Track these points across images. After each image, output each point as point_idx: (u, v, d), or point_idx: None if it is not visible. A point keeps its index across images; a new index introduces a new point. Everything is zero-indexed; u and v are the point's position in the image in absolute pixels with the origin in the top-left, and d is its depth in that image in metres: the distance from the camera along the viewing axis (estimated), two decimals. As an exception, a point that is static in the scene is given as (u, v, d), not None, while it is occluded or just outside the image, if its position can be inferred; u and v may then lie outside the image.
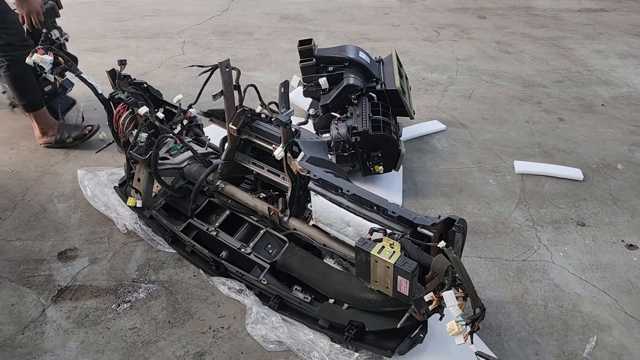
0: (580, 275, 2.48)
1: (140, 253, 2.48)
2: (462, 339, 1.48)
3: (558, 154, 3.46)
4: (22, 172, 3.02)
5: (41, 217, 2.68)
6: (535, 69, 4.83)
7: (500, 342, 2.13)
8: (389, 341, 1.93)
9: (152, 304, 2.23)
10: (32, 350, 2.01)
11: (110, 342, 2.06)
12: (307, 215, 2.23)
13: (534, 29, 5.92)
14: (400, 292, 1.71)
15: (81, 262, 2.42)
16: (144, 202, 2.51)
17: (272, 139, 2.21)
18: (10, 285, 2.29)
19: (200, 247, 2.33)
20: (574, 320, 2.24)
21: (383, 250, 1.69)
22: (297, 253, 2.17)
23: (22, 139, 3.34)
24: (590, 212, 2.91)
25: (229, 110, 2.27)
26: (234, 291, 2.24)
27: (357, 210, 1.91)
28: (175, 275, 2.37)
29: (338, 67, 3.06)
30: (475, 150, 3.46)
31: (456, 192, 3.03)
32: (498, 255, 2.58)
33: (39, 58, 2.37)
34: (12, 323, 2.12)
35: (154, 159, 2.34)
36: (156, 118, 2.41)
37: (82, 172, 2.86)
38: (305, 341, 2.04)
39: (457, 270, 1.56)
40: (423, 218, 1.79)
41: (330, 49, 3.21)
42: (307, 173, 2.02)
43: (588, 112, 4.05)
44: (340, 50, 3.13)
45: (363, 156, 2.83)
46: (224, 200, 2.44)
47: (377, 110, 2.89)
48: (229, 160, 2.39)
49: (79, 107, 3.59)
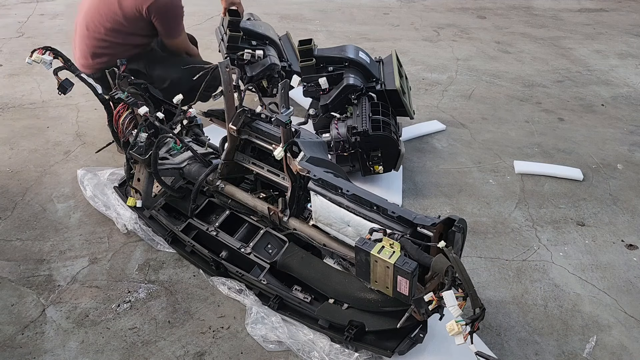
0: (580, 275, 2.48)
1: (140, 253, 2.48)
2: (462, 339, 1.48)
3: (558, 154, 3.46)
4: (22, 172, 3.02)
5: (41, 217, 2.68)
6: (535, 69, 4.83)
7: (500, 342, 2.13)
8: (389, 341, 1.93)
9: (152, 304, 2.23)
10: (32, 350, 2.01)
11: (110, 342, 2.06)
12: (307, 215, 2.23)
13: (533, 29, 5.92)
14: (400, 292, 1.71)
15: (81, 262, 2.42)
16: (144, 202, 2.51)
17: (272, 139, 2.21)
18: (10, 285, 2.29)
19: (200, 247, 2.33)
20: (574, 320, 2.24)
21: (383, 250, 1.69)
22: (297, 253, 2.17)
23: (22, 139, 3.34)
24: (590, 212, 2.91)
25: (228, 110, 2.27)
26: (234, 291, 2.24)
27: (357, 210, 1.91)
28: (175, 275, 2.37)
29: (338, 67, 3.07)
30: (475, 150, 3.46)
31: (456, 192, 3.03)
32: (498, 255, 2.58)
33: (38, 58, 2.37)
34: (12, 323, 2.12)
35: (153, 159, 2.34)
36: (156, 118, 2.40)
37: (82, 172, 2.86)
38: (305, 341, 2.04)
39: (457, 270, 1.55)
40: (423, 218, 1.79)
41: (330, 49, 3.21)
42: (307, 173, 2.02)
43: (588, 112, 4.05)
44: (340, 50, 3.13)
45: (363, 156, 2.83)
46: (223, 200, 2.44)
47: (377, 110, 2.89)
48: (228, 160, 2.39)
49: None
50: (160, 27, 3.01)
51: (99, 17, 2.95)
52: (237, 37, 3.28)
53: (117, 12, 2.91)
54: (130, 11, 2.89)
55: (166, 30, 3.05)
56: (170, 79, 3.04)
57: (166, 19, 2.98)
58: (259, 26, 3.51)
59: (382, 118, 2.84)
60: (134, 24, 2.95)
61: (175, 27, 3.08)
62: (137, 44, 3.06)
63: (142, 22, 2.95)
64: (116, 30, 2.96)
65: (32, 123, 3.53)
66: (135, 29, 2.98)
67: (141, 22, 2.95)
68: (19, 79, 4.13)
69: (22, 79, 4.14)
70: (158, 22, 2.96)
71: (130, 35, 2.99)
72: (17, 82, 4.08)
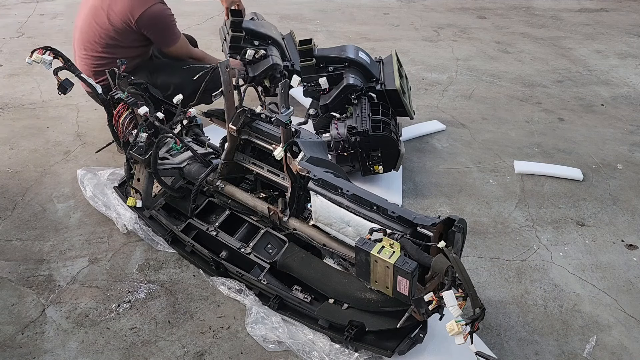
0: (580, 275, 2.48)
1: (140, 253, 2.48)
2: (462, 338, 1.48)
3: (558, 153, 3.46)
4: (22, 172, 3.02)
5: (41, 217, 2.68)
6: (535, 69, 4.83)
7: (500, 342, 2.13)
8: (389, 341, 1.93)
9: (152, 304, 2.23)
10: (32, 350, 2.01)
11: (110, 342, 2.06)
12: (307, 215, 2.23)
13: (533, 29, 5.92)
14: (400, 292, 1.71)
15: (81, 262, 2.42)
16: (144, 202, 2.51)
17: (272, 139, 2.21)
18: (10, 285, 2.29)
19: (200, 247, 2.33)
20: (574, 320, 2.24)
21: (383, 250, 1.69)
22: (297, 253, 2.17)
23: (22, 138, 3.34)
24: (590, 212, 2.91)
25: (228, 110, 2.27)
26: (234, 291, 2.24)
27: (357, 210, 1.91)
28: (175, 275, 2.37)
29: (338, 67, 3.07)
30: (475, 150, 3.46)
31: (456, 192, 3.03)
32: (498, 255, 2.58)
33: (38, 58, 2.36)
34: (12, 323, 2.12)
35: (153, 159, 2.34)
36: (156, 118, 2.40)
37: (82, 172, 2.86)
38: (305, 341, 2.04)
39: (457, 270, 1.55)
40: (423, 218, 1.79)
41: (330, 49, 3.21)
42: (307, 173, 2.02)
43: (588, 112, 4.05)
44: (340, 50, 3.13)
45: (363, 156, 2.83)
46: (223, 200, 2.44)
47: (377, 110, 2.89)
48: (228, 160, 2.39)
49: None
50: (154, 38, 3.02)
51: (93, 35, 2.95)
52: (240, 37, 3.28)
53: (108, 28, 2.90)
54: (120, 25, 2.89)
55: (160, 40, 3.05)
56: (174, 84, 3.03)
57: (158, 30, 2.98)
58: (262, 26, 3.51)
59: (382, 118, 2.84)
60: (126, 37, 2.95)
61: (170, 35, 3.06)
62: (135, 55, 3.06)
63: (134, 34, 2.95)
64: (111, 45, 2.96)
65: (32, 123, 3.53)
66: (130, 42, 2.98)
67: (133, 34, 2.95)
68: (19, 79, 4.14)
69: (22, 79, 4.14)
70: (150, 34, 2.96)
71: (126, 49, 2.99)
72: (17, 82, 4.08)
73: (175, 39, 3.08)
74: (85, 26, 2.98)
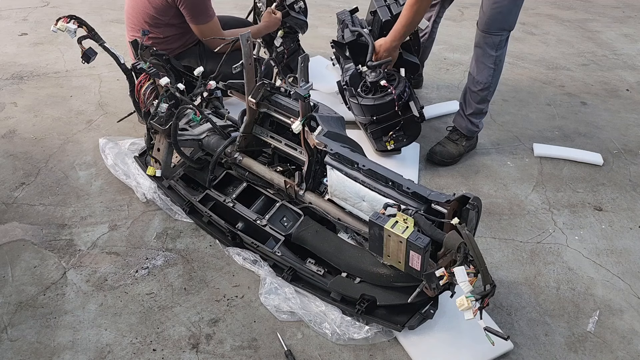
0: (595, 260, 2.47)
1: (158, 222, 2.53)
2: (471, 314, 1.49)
3: (578, 138, 3.41)
4: (46, 139, 3.08)
5: (63, 184, 2.74)
6: (559, 51, 4.74)
7: (510, 322, 2.14)
8: (400, 316, 1.96)
9: (169, 271, 2.28)
10: (53, 311, 2.08)
11: (128, 306, 2.12)
12: (323, 189, 2.25)
13: (560, 10, 5.79)
14: (412, 267, 1.73)
15: (101, 229, 2.48)
16: (163, 172, 2.55)
17: (290, 113, 2.22)
18: (33, 247, 2.36)
19: (216, 217, 2.37)
20: (586, 304, 2.25)
21: (396, 225, 1.71)
22: (311, 226, 2.20)
23: (46, 106, 3.40)
24: (608, 197, 2.88)
25: (248, 83, 2.28)
26: (249, 262, 2.28)
27: (372, 185, 1.93)
28: (192, 245, 2.42)
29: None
30: (494, 131, 3.43)
31: (473, 172, 3.02)
32: (512, 236, 2.58)
33: (63, 26, 2.39)
34: (34, 284, 2.19)
35: (173, 129, 2.37)
36: (177, 89, 2.43)
37: (104, 141, 2.91)
38: (317, 312, 2.08)
39: (469, 246, 1.56)
40: (437, 195, 1.80)
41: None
42: (324, 147, 2.04)
43: (612, 97, 3.97)
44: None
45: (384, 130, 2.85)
46: (241, 173, 2.47)
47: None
48: (247, 133, 2.41)
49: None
50: (186, 13, 2.93)
51: (137, 19, 2.96)
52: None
53: (148, 7, 2.90)
54: (158, 0, 2.88)
55: (191, 15, 2.94)
56: (222, 73, 2.95)
57: (191, 2, 2.90)
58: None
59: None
60: (165, 13, 2.92)
61: (203, 10, 2.95)
62: (178, 33, 3.03)
63: (172, 9, 2.92)
64: (153, 25, 2.95)
65: (56, 92, 3.59)
66: (169, 19, 2.96)
67: (170, 9, 2.92)
68: (44, 48, 4.19)
69: (46, 47, 4.20)
70: (184, 7, 2.91)
71: (167, 27, 2.98)
72: (42, 51, 4.14)
73: (206, 18, 2.97)
74: (130, 10, 3.00)
